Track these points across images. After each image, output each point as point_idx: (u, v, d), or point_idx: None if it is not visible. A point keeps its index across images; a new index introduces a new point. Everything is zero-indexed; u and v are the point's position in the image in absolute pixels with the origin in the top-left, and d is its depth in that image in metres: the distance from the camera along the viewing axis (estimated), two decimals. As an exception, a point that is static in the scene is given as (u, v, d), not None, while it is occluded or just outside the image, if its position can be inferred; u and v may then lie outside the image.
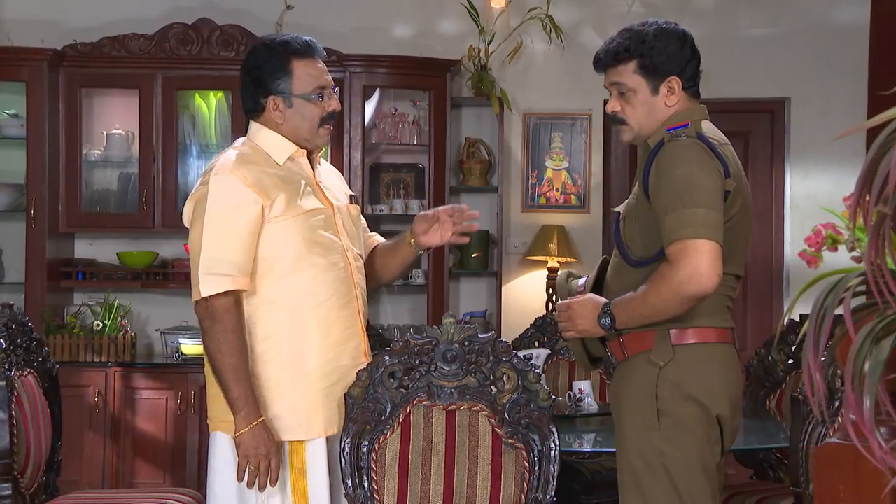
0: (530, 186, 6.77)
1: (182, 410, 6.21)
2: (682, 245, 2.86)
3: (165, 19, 6.58)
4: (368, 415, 3.17)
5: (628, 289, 3.02)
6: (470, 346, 3.16)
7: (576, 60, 6.81)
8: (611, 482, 4.18)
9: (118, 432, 6.21)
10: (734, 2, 6.87)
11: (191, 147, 6.62)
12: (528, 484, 3.18)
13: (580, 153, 6.80)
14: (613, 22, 6.79)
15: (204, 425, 6.21)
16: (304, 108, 3.26)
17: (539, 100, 6.81)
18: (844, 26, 6.88)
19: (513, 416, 3.17)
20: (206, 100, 6.64)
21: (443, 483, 3.18)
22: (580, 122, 6.80)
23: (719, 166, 2.97)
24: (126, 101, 6.59)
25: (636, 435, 3.00)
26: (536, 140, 6.81)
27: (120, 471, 6.21)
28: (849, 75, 6.83)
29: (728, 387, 3.03)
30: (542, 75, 6.82)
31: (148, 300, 6.71)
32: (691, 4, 6.88)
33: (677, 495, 2.96)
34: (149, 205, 6.45)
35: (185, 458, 6.24)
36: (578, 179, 6.80)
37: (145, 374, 6.29)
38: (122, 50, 6.48)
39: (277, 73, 3.24)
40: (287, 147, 3.28)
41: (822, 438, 3.34)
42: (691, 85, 3.13)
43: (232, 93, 6.50)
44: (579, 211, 6.80)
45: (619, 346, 3.06)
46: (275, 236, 3.17)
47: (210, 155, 6.62)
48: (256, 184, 3.17)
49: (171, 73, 6.49)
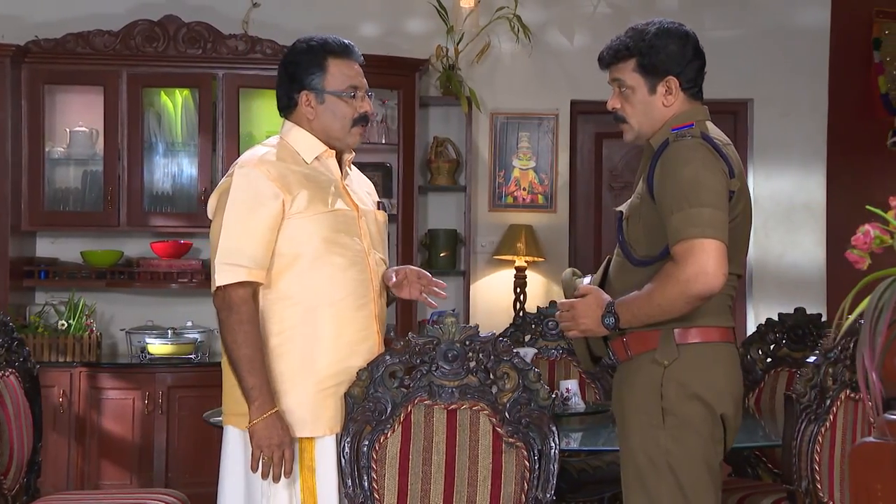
0: (497, 186, 6.80)
1: (150, 410, 6.15)
2: (688, 244, 2.88)
3: (130, 16, 6.51)
4: (369, 414, 3.17)
5: (631, 288, 3.04)
6: (471, 346, 3.17)
7: (543, 60, 6.86)
8: (596, 480, 4.24)
9: (83, 433, 6.14)
10: (699, 4, 6.94)
11: (157, 145, 6.56)
12: (529, 483, 3.19)
13: (547, 153, 6.84)
14: (579, 22, 6.88)
15: (172, 425, 6.18)
16: (336, 106, 3.26)
17: (506, 99, 6.84)
18: (806, 28, 6.98)
19: (513, 415, 3.18)
20: (172, 97, 6.58)
21: (443, 482, 3.18)
22: (547, 122, 6.83)
23: (724, 166, 3.00)
24: (90, 99, 6.51)
25: (641, 434, 3.02)
26: (503, 140, 6.84)
27: (85, 472, 6.14)
28: (810, 77, 6.94)
29: (732, 386, 3.06)
30: (510, 75, 6.85)
31: (112, 299, 6.63)
32: (656, 5, 6.94)
33: (682, 494, 2.98)
34: (114, 203, 6.38)
35: (152, 459, 6.18)
36: (545, 179, 6.83)
37: (112, 375, 6.22)
38: (87, 46, 6.40)
39: (312, 69, 3.26)
40: (316, 146, 3.28)
41: (814, 436, 3.39)
42: (691, 86, 3.15)
43: (199, 90, 6.47)
44: (546, 210, 6.83)
45: (623, 345, 3.08)
46: (295, 233, 3.17)
47: (176, 153, 6.59)
48: (279, 178, 3.17)
49: (137, 71, 6.43)
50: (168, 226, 6.55)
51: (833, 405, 3.43)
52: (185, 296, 6.71)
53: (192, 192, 6.51)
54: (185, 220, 6.52)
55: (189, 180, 6.55)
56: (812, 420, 3.39)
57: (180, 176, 6.59)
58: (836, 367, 3.43)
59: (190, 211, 6.50)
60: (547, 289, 6.82)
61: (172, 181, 6.58)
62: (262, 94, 6.63)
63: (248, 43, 6.51)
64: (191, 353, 6.34)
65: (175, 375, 6.24)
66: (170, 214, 6.55)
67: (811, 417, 3.39)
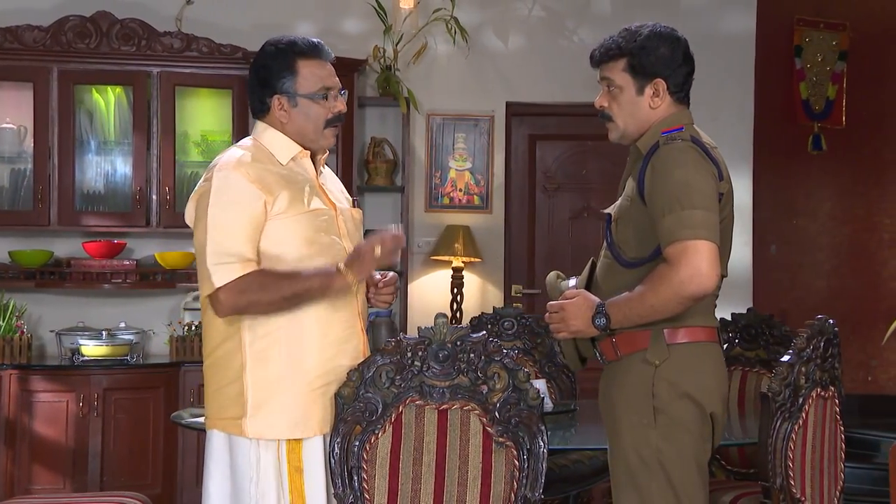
0: (434, 186, 6.82)
1: (84, 413, 6.03)
2: (681, 246, 2.94)
3: (61, 11, 6.40)
4: (359, 415, 3.16)
5: (621, 289, 3.08)
6: (462, 346, 3.18)
7: (479, 62, 6.90)
8: (562, 479, 4.28)
9: (13, 437, 6.00)
10: (630, 8, 7.03)
11: (88, 143, 6.45)
12: (518, 482, 3.21)
13: (483, 154, 6.88)
14: (514, 25, 6.94)
15: (108, 428, 6.08)
16: (309, 109, 3.25)
17: (443, 100, 6.86)
18: (733, 35, 7.13)
19: (503, 414, 3.19)
20: (105, 95, 6.48)
21: (433, 482, 3.19)
22: (483, 123, 6.88)
23: (713, 169, 3.07)
24: (18, 95, 6.38)
25: (632, 433, 3.07)
26: (440, 140, 6.87)
27: (16, 477, 6.00)
28: (737, 82, 7.10)
29: (720, 385, 3.13)
30: (446, 76, 6.88)
31: (41, 300, 6.50)
32: (590, 10, 7.04)
33: (673, 492, 3.04)
34: (44, 202, 6.27)
35: (87, 463, 6.06)
36: (481, 180, 6.88)
37: (45, 377, 6.08)
38: (15, 41, 6.27)
39: (283, 73, 3.23)
40: (291, 147, 3.26)
41: (787, 434, 3.48)
42: (678, 90, 3.20)
43: (133, 88, 6.39)
44: (482, 211, 6.88)
45: (612, 345, 3.12)
46: (277, 234, 3.15)
47: (109, 152, 6.48)
48: (259, 180, 3.15)
49: (68, 67, 6.32)
50: (101, 225, 6.44)
51: (805, 403, 3.52)
52: (117, 296, 6.61)
53: (127, 192, 6.42)
54: (119, 220, 6.42)
55: (123, 179, 6.46)
56: (786, 418, 3.47)
57: (114, 175, 6.48)
58: (808, 366, 3.52)
59: (124, 210, 6.40)
60: (483, 289, 6.87)
61: (105, 180, 6.48)
62: (199, 92, 6.57)
63: (184, 41, 6.44)
64: (125, 355, 6.23)
65: (110, 377, 6.13)
66: (103, 214, 6.44)
67: (785, 415, 3.47)
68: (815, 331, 3.56)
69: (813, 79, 7.53)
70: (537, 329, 4.83)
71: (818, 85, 7.54)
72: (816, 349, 3.55)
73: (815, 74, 7.54)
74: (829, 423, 3.65)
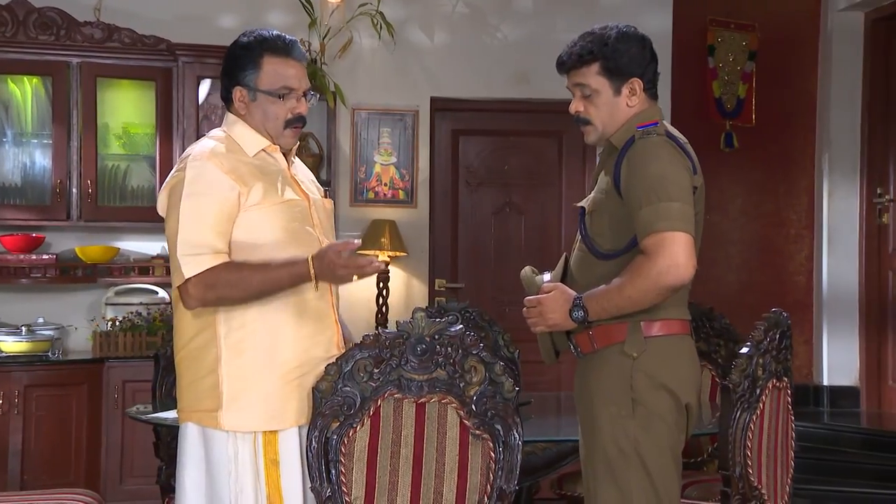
0: (359, 181, 6.82)
1: (5, 411, 5.89)
2: (659, 237, 3.00)
3: (-26, -2, 6.24)
4: (337, 409, 3.16)
5: (596, 281, 3.14)
6: (440, 339, 3.20)
7: (404, 57, 6.91)
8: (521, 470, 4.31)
9: (-72, 436, 5.85)
10: (551, 5, 7.12)
11: (4, 134, 6.30)
12: (494, 473, 3.24)
13: (408, 149, 6.90)
14: (439, 21, 6.97)
15: (28, 425, 5.95)
16: (267, 105, 3.24)
17: (368, 95, 6.86)
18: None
19: (480, 407, 3.21)
20: (21, 85, 6.33)
21: (411, 475, 3.20)
22: (408, 118, 6.89)
23: (688, 163, 3.15)
24: (-70, 84, 6.21)
25: (611, 424, 3.12)
26: (365, 135, 6.86)
27: (-69, 477, 5.85)
28: (654, 80, 7.21)
29: (694, 376, 3.20)
30: (371, 71, 6.87)
31: (-45, 295, 6.34)
32: (512, 6, 7.10)
33: (650, 480, 3.10)
34: (-42, 195, 6.10)
35: (7, 461, 5.92)
36: (406, 175, 6.89)
37: (-38, 374, 5.93)
38: (-74, 29, 6.09)
39: (247, 66, 3.23)
40: (259, 140, 3.25)
41: (746, 424, 3.57)
42: (651, 86, 3.28)
43: (52, 78, 6.25)
44: (407, 206, 6.89)
45: (588, 338, 3.18)
46: (251, 225, 3.13)
47: (27, 143, 6.35)
48: (233, 171, 3.13)
49: (-17, 56, 6.16)
50: (18, 219, 6.29)
51: (762, 394, 3.62)
52: (35, 291, 6.46)
53: (46, 185, 6.28)
54: (38, 213, 6.28)
55: (42, 172, 6.32)
56: (745, 409, 3.57)
57: (32, 167, 6.34)
58: (765, 358, 3.63)
59: (42, 203, 6.27)
60: (408, 283, 6.89)
61: (23, 172, 6.33)
62: (121, 83, 6.46)
63: (106, 31, 6.33)
64: (46, 351, 6.11)
65: (31, 374, 6.00)
66: (20, 207, 6.30)
67: (744, 406, 3.57)
68: (771, 323, 3.66)
69: (725, 78, 7.73)
70: (481, 322, 4.87)
71: (730, 84, 7.74)
72: (773, 341, 3.66)
73: (726, 74, 7.73)
74: (781, 412, 3.76)
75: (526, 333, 3.44)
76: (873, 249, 7.52)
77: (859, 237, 7.60)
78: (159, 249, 6.53)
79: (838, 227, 7.64)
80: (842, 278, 7.62)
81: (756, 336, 3.62)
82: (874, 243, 7.52)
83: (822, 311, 7.63)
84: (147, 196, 6.39)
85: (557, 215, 7.17)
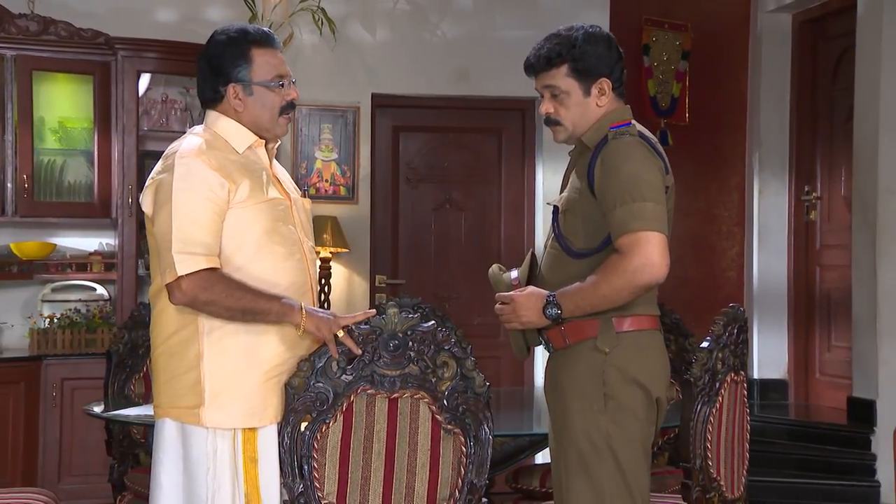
0: (300, 177, 6.79)
1: (-52, 410, 5.79)
2: (633, 237, 3.05)
3: None
4: (310, 404, 3.16)
5: (569, 279, 3.17)
6: (413, 335, 3.22)
7: (345, 53, 6.90)
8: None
9: None
10: (492, 3, 7.17)
11: (-62, 128, 6.17)
12: (465, 468, 3.27)
13: (349, 145, 6.89)
14: (380, 17, 6.97)
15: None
16: (264, 96, 3.22)
17: (309, 91, 6.79)
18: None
19: (451, 402, 3.24)
20: (-45, 79, 6.20)
21: (383, 470, 3.21)
22: (349, 115, 6.89)
23: (660, 163, 3.20)
24: None
25: (582, 418, 3.16)
26: (306, 131, 6.84)
27: None
28: (591, 78, 7.29)
29: (664, 371, 3.26)
30: (312, 67, 6.85)
31: None
32: (452, 4, 7.12)
33: (621, 474, 3.15)
34: None
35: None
36: (347, 171, 6.89)
37: None
38: None
39: (238, 61, 3.20)
40: (247, 136, 3.23)
41: (706, 417, 3.64)
42: (619, 85, 3.31)
43: (-12, 73, 6.14)
44: (348, 202, 6.89)
45: (560, 333, 3.21)
46: (237, 223, 3.11)
47: (-39, 138, 6.21)
48: (221, 168, 3.11)
49: (-88, 50, 6.03)
50: (-50, 214, 6.17)
51: (721, 387, 3.69)
52: (-31, 288, 6.34)
53: (-21, 180, 6.16)
54: (-29, 209, 6.16)
55: (-25, 167, 6.19)
56: (705, 402, 3.63)
57: (-35, 162, 6.21)
58: (724, 352, 3.70)
59: (-24, 199, 6.15)
60: (350, 279, 6.88)
61: (-45, 167, 6.20)
62: (57, 77, 6.37)
63: (41, 24, 6.24)
64: (-18, 349, 6.01)
65: (-35, 372, 5.89)
66: (-48, 202, 6.17)
67: (704, 399, 3.63)
68: (729, 318, 3.73)
69: (659, 77, 7.83)
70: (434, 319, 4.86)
71: (664, 83, 7.84)
72: (731, 335, 3.73)
73: (661, 73, 7.84)
74: (738, 405, 3.83)
75: (470, 329, 3.47)
76: (801, 246, 7.68)
77: (788, 234, 7.75)
78: (97, 245, 6.45)
79: (768, 224, 7.78)
80: (771, 274, 7.77)
81: (716, 330, 3.68)
82: (802, 240, 7.68)
83: (752, 306, 7.77)
84: (84, 192, 6.31)
85: (497, 212, 7.21)
